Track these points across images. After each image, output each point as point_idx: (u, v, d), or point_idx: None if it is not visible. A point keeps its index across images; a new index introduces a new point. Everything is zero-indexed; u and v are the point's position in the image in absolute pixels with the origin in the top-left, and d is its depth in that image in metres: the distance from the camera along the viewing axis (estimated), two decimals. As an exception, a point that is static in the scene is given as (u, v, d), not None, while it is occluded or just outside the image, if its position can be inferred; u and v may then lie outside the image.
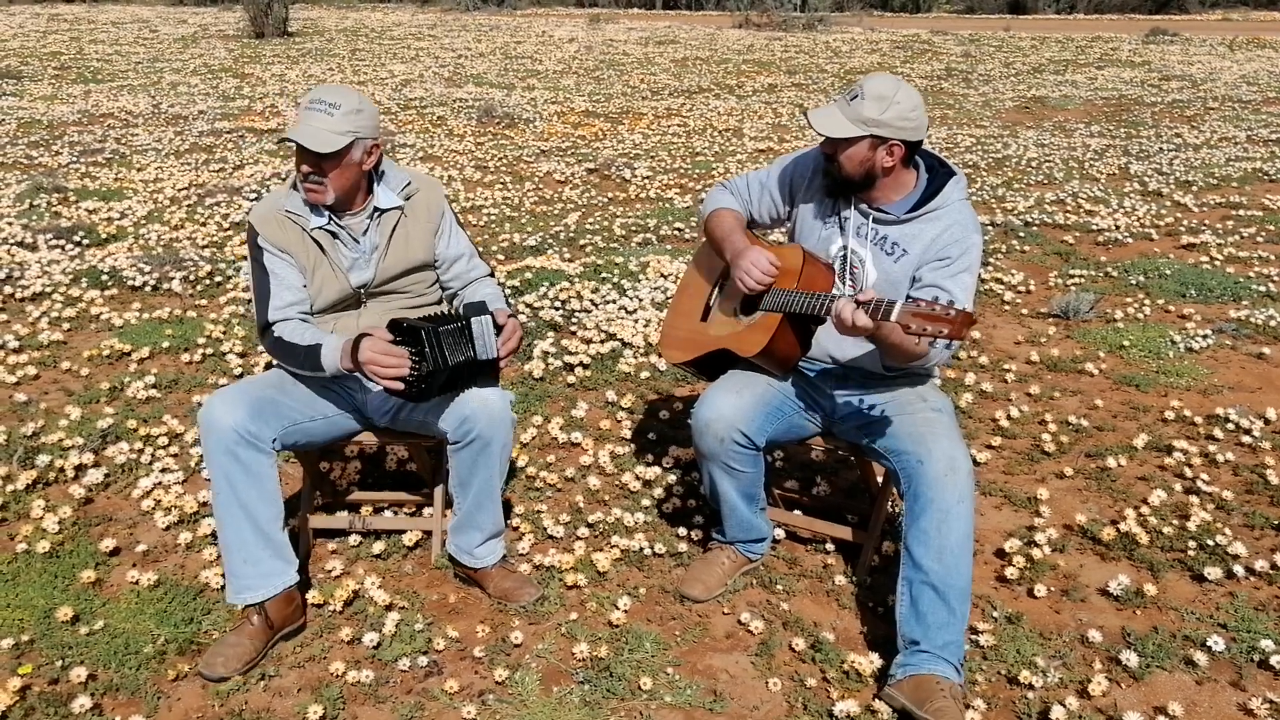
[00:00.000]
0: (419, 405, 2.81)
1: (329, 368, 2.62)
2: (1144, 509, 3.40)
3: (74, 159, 8.77)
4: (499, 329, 2.70)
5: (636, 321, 5.00)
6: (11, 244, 6.14)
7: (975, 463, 3.69)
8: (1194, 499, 3.47)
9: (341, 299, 2.78)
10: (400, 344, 2.56)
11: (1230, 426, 4.02)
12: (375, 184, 2.78)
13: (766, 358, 2.71)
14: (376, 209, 2.78)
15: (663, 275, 5.69)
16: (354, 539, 3.20)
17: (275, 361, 2.77)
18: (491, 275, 3.03)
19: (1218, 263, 6.14)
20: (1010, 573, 3.04)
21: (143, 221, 6.82)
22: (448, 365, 2.58)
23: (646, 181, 8.28)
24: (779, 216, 2.94)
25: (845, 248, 2.76)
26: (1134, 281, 5.81)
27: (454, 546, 2.95)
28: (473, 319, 2.64)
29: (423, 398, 2.63)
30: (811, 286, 2.65)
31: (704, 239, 3.01)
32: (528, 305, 5.20)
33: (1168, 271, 5.90)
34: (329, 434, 2.88)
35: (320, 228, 2.72)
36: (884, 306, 2.32)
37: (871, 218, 2.72)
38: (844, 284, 2.76)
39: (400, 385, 2.55)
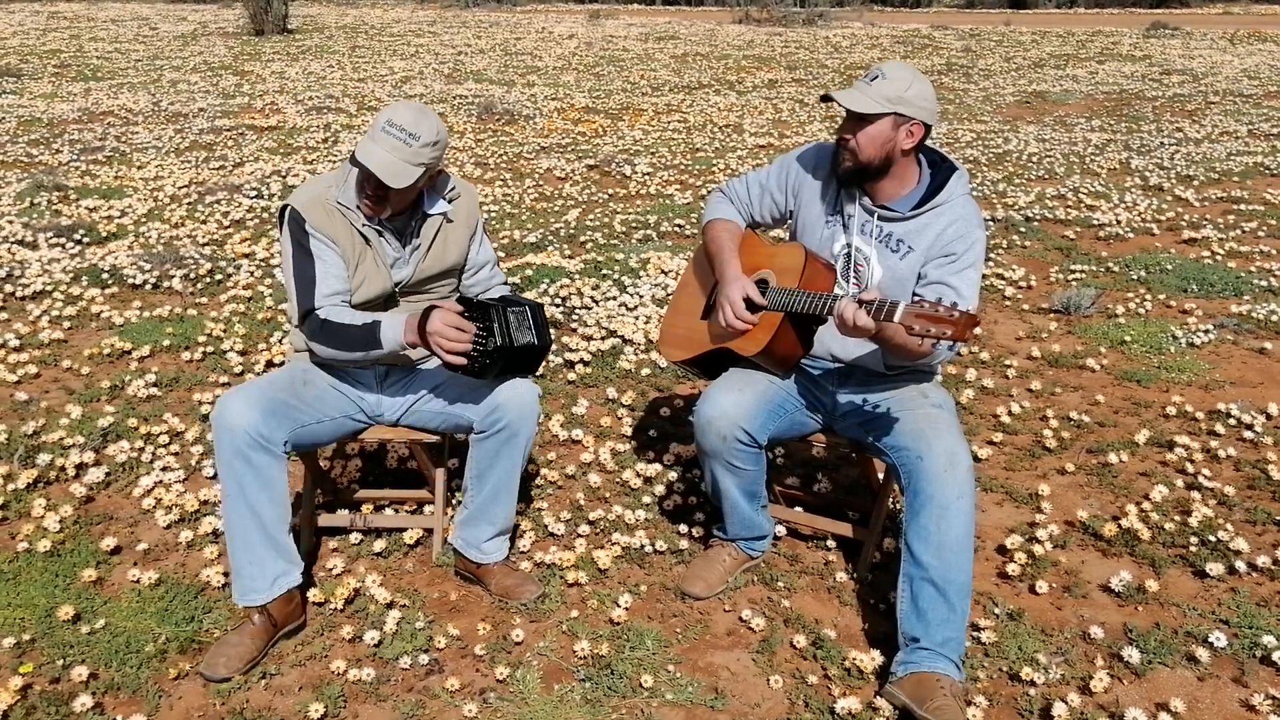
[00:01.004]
0: (435, 399, 2.84)
1: (388, 344, 2.60)
2: (1145, 505, 3.40)
3: (74, 157, 8.76)
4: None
5: (637, 318, 5.00)
6: (12, 242, 6.13)
7: (976, 459, 3.69)
8: (1196, 494, 3.47)
9: (380, 295, 2.77)
10: (468, 318, 2.59)
11: (1232, 422, 4.01)
12: (424, 189, 2.78)
13: (767, 357, 2.70)
14: (424, 213, 2.78)
15: (663, 272, 5.68)
16: (355, 537, 3.20)
17: (311, 345, 2.72)
18: (506, 284, 3.04)
19: (1219, 257, 6.13)
20: (1011, 569, 3.04)
21: (143, 219, 6.82)
22: (513, 344, 2.61)
23: (647, 178, 8.27)
24: (780, 216, 2.94)
25: (849, 245, 2.75)
26: (1135, 276, 5.81)
27: (460, 540, 2.95)
28: (530, 306, 2.68)
29: (483, 374, 2.65)
30: (813, 286, 2.65)
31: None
32: (528, 302, 5.19)
33: (1169, 266, 5.90)
34: (336, 434, 2.88)
35: (367, 225, 2.72)
36: (886, 307, 2.31)
37: (876, 215, 2.71)
38: (847, 283, 2.76)
39: (463, 360, 2.57)
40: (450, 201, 2.82)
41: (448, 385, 2.83)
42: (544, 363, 4.47)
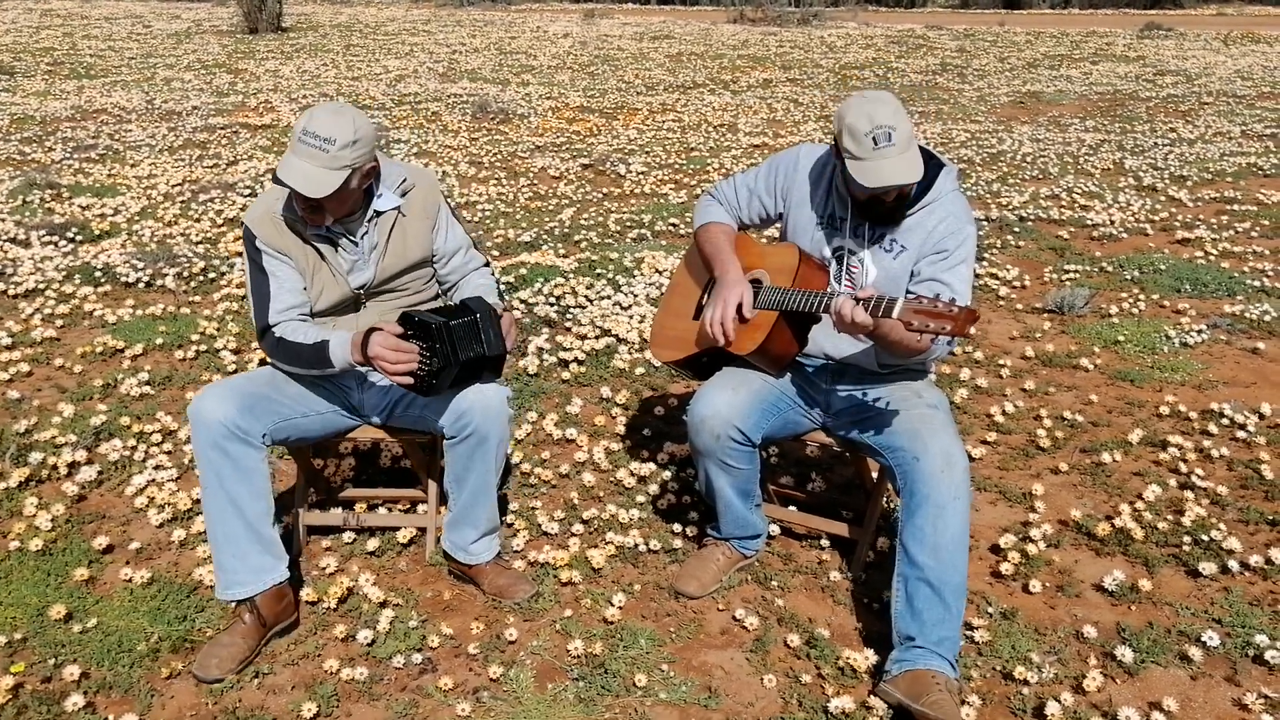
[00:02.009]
0: (415, 401, 2.81)
1: (338, 363, 2.60)
2: (1139, 504, 3.41)
3: (67, 155, 8.74)
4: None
5: (631, 317, 4.99)
6: (4, 240, 6.11)
7: (970, 458, 3.69)
8: (1189, 494, 3.48)
9: (341, 301, 2.76)
10: (411, 338, 2.56)
11: (1225, 421, 4.02)
12: (373, 187, 2.73)
13: (761, 356, 2.70)
14: (375, 211, 2.74)
15: (657, 271, 5.68)
16: (348, 536, 3.19)
17: (273, 362, 2.74)
18: (487, 266, 3.00)
19: (1212, 258, 6.14)
20: (1005, 568, 3.05)
21: (136, 218, 6.80)
22: (459, 360, 2.57)
23: (641, 177, 8.27)
24: (768, 218, 2.93)
25: (842, 248, 2.75)
26: (1129, 276, 5.81)
27: (449, 543, 2.95)
28: (479, 314, 2.63)
29: (432, 392, 2.62)
30: (807, 285, 2.65)
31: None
32: (522, 301, 5.19)
33: (1162, 266, 5.91)
34: (322, 431, 2.87)
35: (317, 234, 2.69)
36: (884, 304, 2.31)
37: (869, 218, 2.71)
38: (839, 284, 2.75)
39: (410, 380, 2.55)
40: (404, 195, 2.77)
41: None
42: (538, 361, 4.47)
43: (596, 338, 4.75)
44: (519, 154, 9.11)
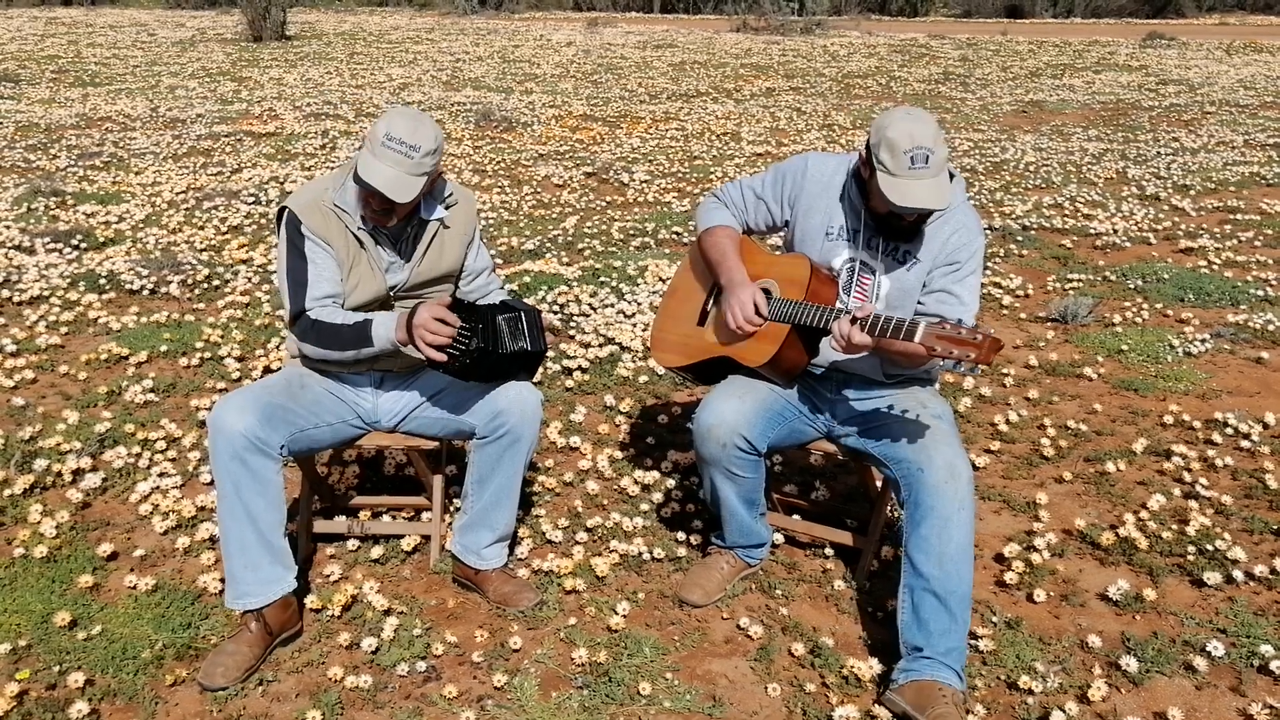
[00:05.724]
0: (437, 403, 2.83)
1: (381, 341, 2.60)
2: (1143, 514, 3.40)
3: (72, 162, 8.75)
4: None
5: (635, 326, 5.00)
6: (9, 248, 6.13)
7: (974, 468, 3.69)
8: (1193, 504, 3.47)
9: (374, 299, 2.77)
10: (457, 315, 2.57)
11: (1229, 431, 4.02)
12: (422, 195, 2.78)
13: (772, 367, 2.71)
14: (421, 219, 2.78)
15: (661, 279, 5.69)
16: (352, 544, 3.19)
17: (302, 346, 2.73)
18: (503, 289, 3.06)
19: (1215, 267, 6.14)
20: (1009, 578, 3.04)
21: (140, 225, 6.81)
22: (496, 349, 2.59)
23: (645, 185, 8.28)
24: (773, 225, 2.93)
25: (854, 260, 2.75)
26: (1132, 286, 5.82)
27: (459, 546, 2.95)
28: (524, 312, 2.67)
29: (464, 376, 2.63)
30: (818, 298, 2.65)
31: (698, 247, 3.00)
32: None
33: (1166, 276, 5.91)
34: (335, 440, 2.88)
35: (363, 228, 2.72)
36: (905, 326, 2.32)
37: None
38: (848, 295, 2.76)
39: (443, 356, 2.55)
40: (448, 208, 2.82)
41: (448, 391, 2.83)
42: (542, 369, 4.48)
43: (600, 346, 4.76)
44: (522, 162, 9.12)
